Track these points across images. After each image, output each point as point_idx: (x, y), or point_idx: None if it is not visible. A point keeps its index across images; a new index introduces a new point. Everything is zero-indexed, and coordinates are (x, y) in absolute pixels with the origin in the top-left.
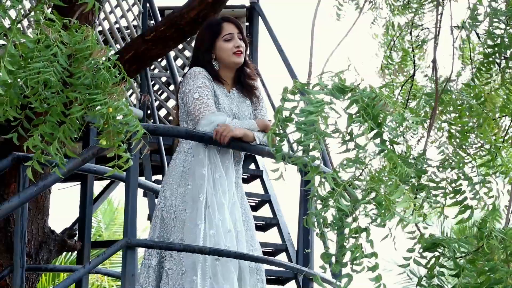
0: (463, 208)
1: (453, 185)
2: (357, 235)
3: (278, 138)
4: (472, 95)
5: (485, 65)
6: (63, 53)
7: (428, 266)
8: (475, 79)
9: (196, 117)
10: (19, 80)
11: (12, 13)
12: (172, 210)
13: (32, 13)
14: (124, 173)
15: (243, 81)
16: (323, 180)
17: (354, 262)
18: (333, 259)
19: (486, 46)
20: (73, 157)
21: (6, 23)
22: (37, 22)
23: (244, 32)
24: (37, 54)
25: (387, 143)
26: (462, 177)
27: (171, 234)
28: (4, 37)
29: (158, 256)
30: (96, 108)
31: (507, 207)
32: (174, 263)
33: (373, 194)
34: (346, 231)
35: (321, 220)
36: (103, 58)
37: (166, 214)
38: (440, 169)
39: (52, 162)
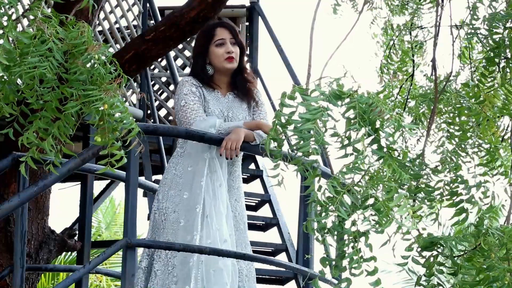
0: (458, 210)
1: (449, 186)
2: (356, 239)
3: (276, 144)
4: (470, 94)
5: (487, 68)
6: (59, 48)
7: (427, 265)
8: (479, 84)
9: (186, 123)
10: (14, 76)
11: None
12: (162, 212)
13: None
14: (125, 173)
15: (239, 86)
16: (322, 185)
17: (353, 266)
18: (333, 262)
19: (487, 49)
20: (73, 157)
21: (4, 20)
22: (34, 19)
23: (239, 36)
24: (33, 50)
25: (384, 149)
26: (459, 179)
27: (160, 236)
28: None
29: (149, 258)
30: (91, 104)
31: (508, 210)
32: (162, 264)
33: (371, 200)
34: (346, 236)
35: (321, 226)
36: (99, 55)
37: (157, 217)
38: (436, 173)
39: (48, 160)
